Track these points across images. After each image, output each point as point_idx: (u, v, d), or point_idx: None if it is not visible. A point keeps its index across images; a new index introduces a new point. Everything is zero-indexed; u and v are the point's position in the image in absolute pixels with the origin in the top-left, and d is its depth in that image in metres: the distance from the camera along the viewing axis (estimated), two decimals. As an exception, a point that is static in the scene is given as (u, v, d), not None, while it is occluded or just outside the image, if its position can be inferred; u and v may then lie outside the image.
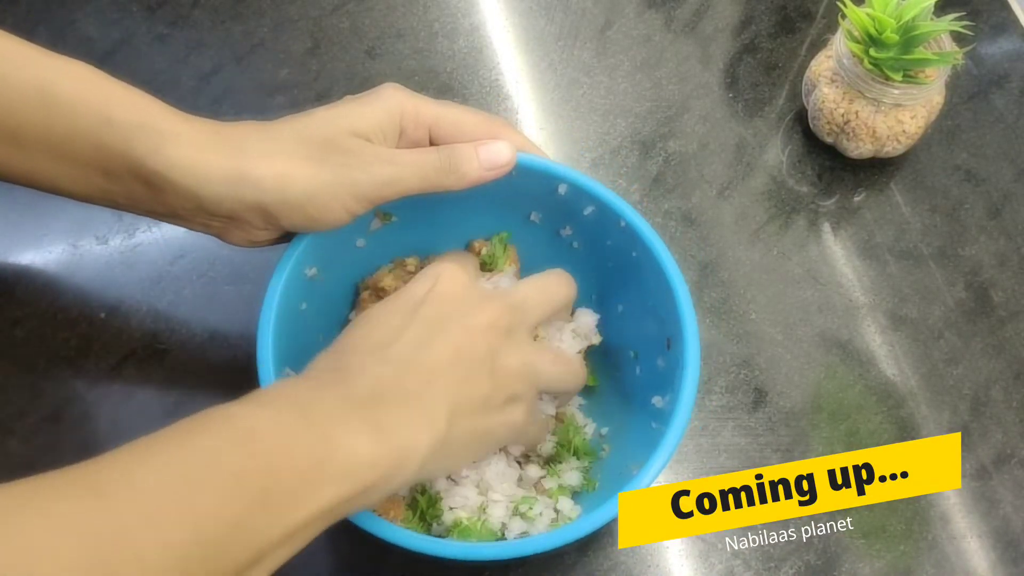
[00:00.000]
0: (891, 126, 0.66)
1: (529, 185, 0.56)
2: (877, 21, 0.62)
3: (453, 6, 0.79)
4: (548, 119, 0.74)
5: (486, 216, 0.59)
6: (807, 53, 0.77)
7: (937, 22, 0.63)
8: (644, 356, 0.58)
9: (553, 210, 0.58)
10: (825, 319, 0.67)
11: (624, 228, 0.55)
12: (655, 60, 0.77)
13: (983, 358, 0.66)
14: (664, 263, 0.54)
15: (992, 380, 0.66)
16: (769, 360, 0.65)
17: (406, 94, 0.53)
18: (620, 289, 0.60)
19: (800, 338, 0.66)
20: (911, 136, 0.67)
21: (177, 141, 0.48)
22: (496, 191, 0.54)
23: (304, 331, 0.55)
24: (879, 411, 0.64)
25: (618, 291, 0.60)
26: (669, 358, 0.54)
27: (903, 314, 0.68)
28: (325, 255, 0.55)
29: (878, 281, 0.69)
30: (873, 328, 0.67)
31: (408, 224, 0.59)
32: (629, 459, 0.53)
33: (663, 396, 0.54)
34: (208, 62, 0.74)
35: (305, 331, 0.55)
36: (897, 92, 0.64)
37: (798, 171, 0.72)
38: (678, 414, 0.50)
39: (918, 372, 0.65)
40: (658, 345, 0.55)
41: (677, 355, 0.53)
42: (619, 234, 0.56)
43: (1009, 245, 0.71)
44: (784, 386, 0.64)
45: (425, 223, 0.58)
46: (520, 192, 0.56)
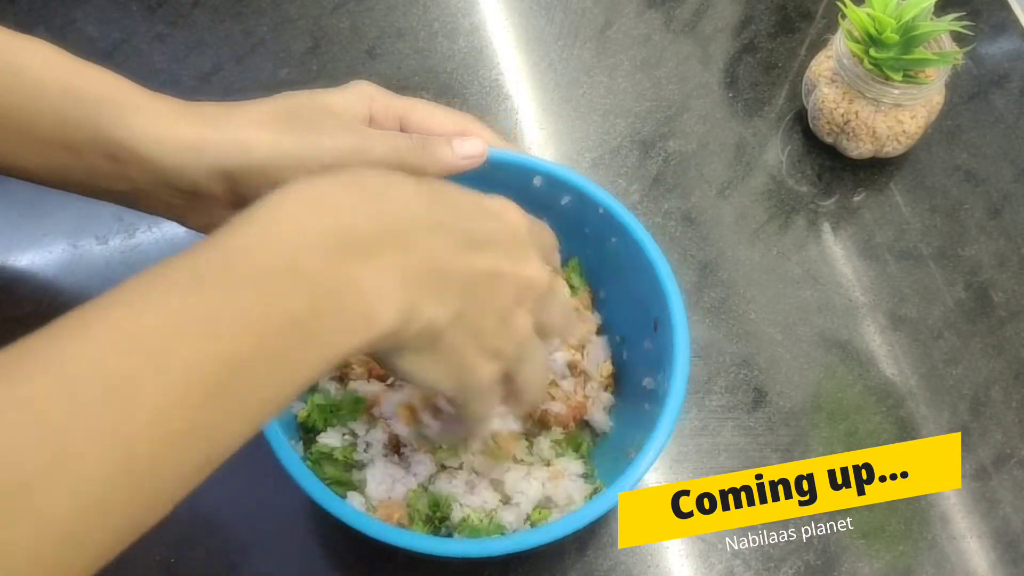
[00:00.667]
0: (891, 126, 0.66)
1: (505, 179, 0.54)
2: (877, 21, 0.62)
3: (453, 6, 0.79)
4: (548, 119, 0.74)
5: None
6: (807, 53, 0.77)
7: (937, 22, 0.63)
8: (630, 340, 0.58)
9: (530, 203, 0.58)
10: (825, 319, 0.67)
11: (602, 215, 0.55)
12: (655, 60, 0.77)
13: (983, 358, 0.66)
14: (645, 245, 0.54)
15: (992, 380, 0.66)
16: (769, 360, 0.65)
17: (376, 87, 0.53)
18: (601, 276, 0.60)
19: (800, 338, 0.66)
20: (911, 136, 0.67)
21: (142, 113, 0.47)
22: (471, 187, 0.54)
23: None
24: (879, 411, 0.64)
25: (599, 278, 0.60)
26: (657, 340, 0.54)
27: (903, 314, 0.68)
28: None
29: (878, 281, 0.69)
30: (873, 328, 0.67)
31: None
32: (626, 442, 0.53)
33: (654, 377, 0.54)
34: (208, 61, 0.74)
35: None
36: (897, 92, 0.64)
37: (798, 171, 0.72)
38: (673, 392, 0.50)
39: (917, 372, 0.65)
40: (644, 328, 0.55)
41: (665, 335, 0.52)
42: (597, 221, 0.56)
43: (1009, 245, 0.71)
44: (784, 386, 0.64)
45: None
46: (496, 187, 0.56)
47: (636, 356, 0.57)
